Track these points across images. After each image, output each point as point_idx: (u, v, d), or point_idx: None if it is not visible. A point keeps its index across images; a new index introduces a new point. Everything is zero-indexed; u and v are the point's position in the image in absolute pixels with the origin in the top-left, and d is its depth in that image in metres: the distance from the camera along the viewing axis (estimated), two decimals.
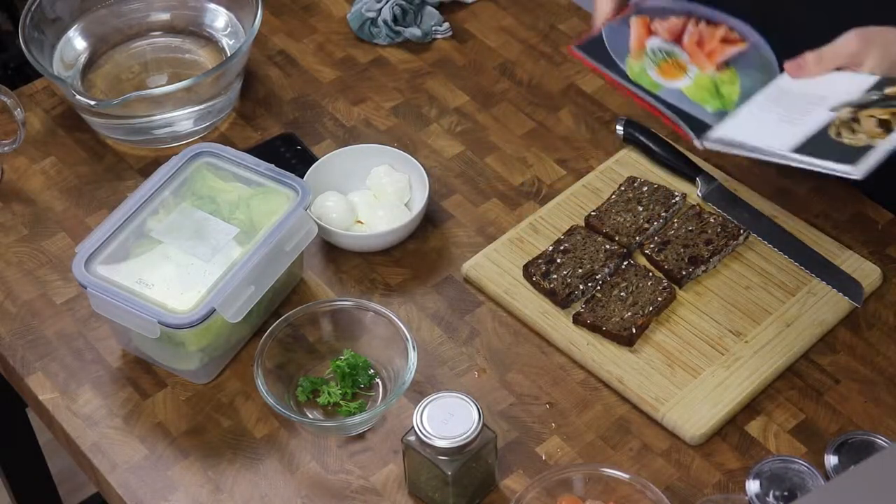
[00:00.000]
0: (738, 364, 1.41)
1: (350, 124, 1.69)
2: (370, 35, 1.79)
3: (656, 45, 1.43)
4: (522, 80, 1.74)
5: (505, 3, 1.84)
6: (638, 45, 1.43)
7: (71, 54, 1.71)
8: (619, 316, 1.44)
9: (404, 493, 1.34)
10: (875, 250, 1.52)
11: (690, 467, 1.36)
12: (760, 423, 1.38)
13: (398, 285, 1.52)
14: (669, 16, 1.45)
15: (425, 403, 1.29)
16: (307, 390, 1.40)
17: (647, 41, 1.43)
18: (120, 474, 1.37)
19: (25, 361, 1.46)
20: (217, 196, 1.46)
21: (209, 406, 1.42)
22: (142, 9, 1.77)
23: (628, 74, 1.40)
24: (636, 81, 1.40)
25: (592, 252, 1.50)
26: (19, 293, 1.52)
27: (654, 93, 1.39)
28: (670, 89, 1.39)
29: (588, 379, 1.43)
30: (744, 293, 1.48)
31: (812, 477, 1.29)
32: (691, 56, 1.42)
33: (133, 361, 1.46)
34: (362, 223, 1.56)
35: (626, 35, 1.44)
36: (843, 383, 1.41)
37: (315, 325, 1.43)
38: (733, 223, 1.52)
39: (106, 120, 1.65)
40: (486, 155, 1.65)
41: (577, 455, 1.37)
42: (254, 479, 1.36)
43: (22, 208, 1.61)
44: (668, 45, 1.43)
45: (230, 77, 1.66)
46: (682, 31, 1.44)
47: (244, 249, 1.41)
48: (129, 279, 1.39)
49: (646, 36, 1.44)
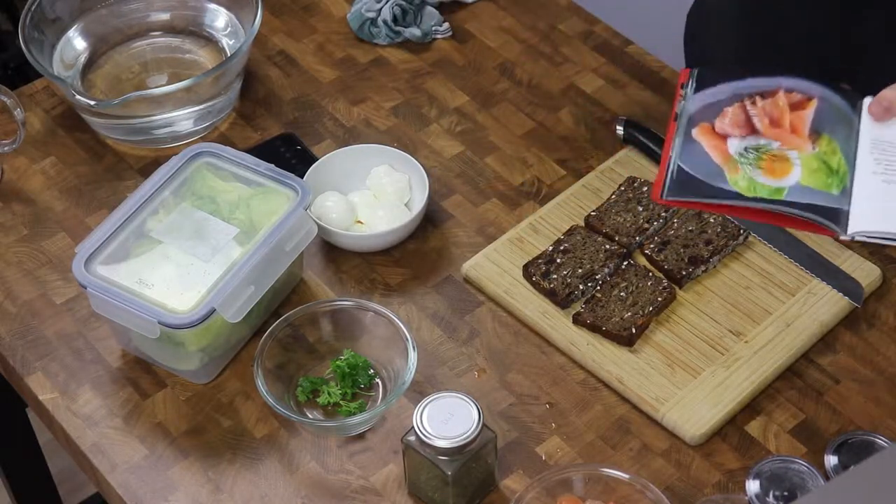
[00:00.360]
0: (738, 364, 1.41)
1: (350, 124, 1.69)
2: (370, 35, 1.79)
3: (739, 146, 1.29)
4: (522, 80, 1.74)
5: (505, 3, 1.84)
6: (723, 156, 1.29)
7: (71, 54, 1.72)
8: (619, 316, 1.44)
9: (404, 493, 1.34)
10: (875, 250, 1.52)
11: (690, 467, 1.36)
12: (760, 423, 1.38)
13: (398, 285, 1.52)
14: (723, 109, 1.32)
15: (425, 403, 1.29)
16: (307, 390, 1.40)
17: (727, 148, 1.29)
18: (120, 474, 1.37)
19: (25, 361, 1.46)
20: (217, 196, 1.46)
21: (209, 406, 1.42)
22: (142, 9, 1.77)
23: (740, 192, 1.26)
24: (755, 196, 1.26)
25: (592, 252, 1.50)
26: (19, 293, 1.52)
27: (781, 199, 1.25)
28: (793, 188, 1.26)
29: (588, 379, 1.43)
30: (744, 293, 1.48)
31: (812, 477, 1.29)
32: (781, 141, 1.30)
33: (133, 361, 1.46)
34: (362, 223, 1.56)
35: (703, 153, 1.29)
36: (843, 383, 1.41)
37: (315, 325, 1.43)
38: (733, 223, 1.52)
39: (106, 120, 1.65)
40: (486, 155, 1.65)
41: (577, 455, 1.37)
42: (254, 479, 1.36)
43: (22, 208, 1.61)
44: (749, 140, 1.30)
45: (230, 77, 1.66)
46: (746, 118, 1.32)
47: (244, 249, 1.41)
48: (129, 279, 1.39)
49: (721, 143, 1.30)
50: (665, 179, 1.28)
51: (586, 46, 1.77)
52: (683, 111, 1.33)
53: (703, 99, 1.33)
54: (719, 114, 1.32)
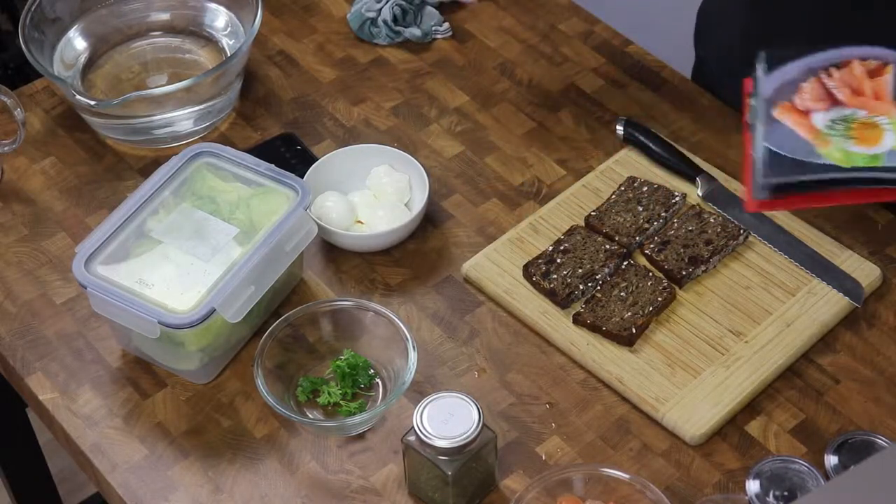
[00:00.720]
0: (738, 364, 1.41)
1: (350, 124, 1.69)
2: (370, 35, 1.79)
3: (824, 119, 1.29)
4: (522, 80, 1.74)
5: (505, 3, 1.84)
6: (810, 131, 1.28)
7: (71, 54, 1.72)
8: (619, 316, 1.44)
9: (404, 493, 1.34)
10: (875, 250, 1.52)
11: (690, 467, 1.36)
12: (760, 423, 1.38)
13: (398, 285, 1.52)
14: (799, 86, 1.32)
15: (425, 403, 1.29)
16: (307, 390, 1.40)
17: (811, 123, 1.29)
18: (120, 474, 1.37)
19: (25, 361, 1.46)
20: (217, 196, 1.46)
21: (209, 406, 1.42)
22: (142, 9, 1.77)
23: (837, 164, 1.25)
24: (852, 166, 1.24)
25: (592, 252, 1.50)
26: (19, 293, 1.52)
27: (880, 165, 1.24)
28: (890, 153, 1.25)
29: (588, 379, 1.43)
30: (744, 293, 1.48)
31: (812, 477, 1.29)
32: (867, 109, 1.29)
33: (133, 361, 1.46)
34: (362, 223, 1.56)
35: (789, 130, 1.28)
36: (843, 383, 1.41)
37: (315, 325, 1.43)
38: (733, 223, 1.52)
39: (106, 120, 1.65)
40: (486, 155, 1.65)
41: (577, 455, 1.37)
42: (254, 479, 1.36)
43: (22, 208, 1.61)
44: (833, 112, 1.29)
45: (230, 77, 1.66)
46: (825, 91, 1.31)
47: (244, 249, 1.41)
48: (129, 279, 1.39)
49: (805, 118, 1.29)
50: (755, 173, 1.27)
51: (586, 46, 1.77)
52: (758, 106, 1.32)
53: (777, 79, 1.32)
54: (796, 91, 1.31)
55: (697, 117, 1.67)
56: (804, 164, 1.26)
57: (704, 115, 1.67)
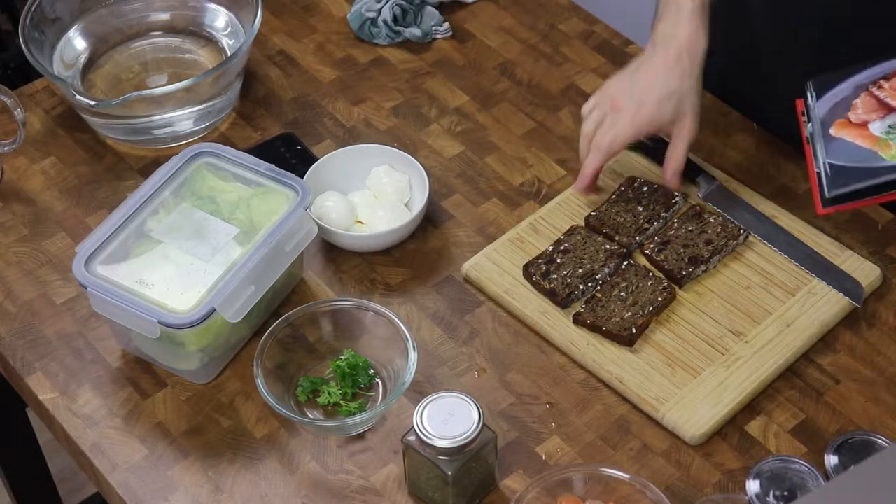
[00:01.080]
0: (738, 364, 1.41)
1: (350, 124, 1.69)
2: (370, 35, 1.79)
3: (882, 126, 1.34)
4: (522, 80, 1.74)
5: (505, 3, 1.84)
6: (870, 140, 1.33)
7: (71, 54, 1.72)
8: (619, 316, 1.44)
9: (404, 493, 1.34)
10: (875, 250, 1.52)
11: (690, 467, 1.36)
12: (760, 423, 1.38)
13: (398, 285, 1.52)
14: (851, 103, 1.37)
15: (425, 403, 1.29)
16: (307, 390, 1.40)
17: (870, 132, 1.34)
18: (120, 474, 1.37)
19: (25, 361, 1.46)
20: (217, 196, 1.46)
21: (209, 406, 1.42)
22: (142, 9, 1.77)
23: None
24: None
25: (592, 252, 1.50)
26: (19, 293, 1.52)
27: None
28: None
29: (588, 379, 1.43)
30: (744, 293, 1.48)
31: (812, 477, 1.29)
32: None
33: (133, 361, 1.46)
34: (362, 223, 1.56)
35: (848, 143, 1.34)
36: (843, 383, 1.41)
37: (315, 325, 1.43)
38: (733, 223, 1.52)
39: (106, 120, 1.65)
40: (486, 155, 1.65)
41: (577, 455, 1.37)
42: (254, 479, 1.36)
43: (22, 208, 1.61)
44: (889, 118, 1.34)
45: (230, 77, 1.66)
46: (878, 102, 1.36)
47: (244, 249, 1.41)
48: (129, 279, 1.39)
49: (863, 130, 1.34)
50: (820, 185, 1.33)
51: (586, 46, 1.77)
52: (814, 130, 1.37)
53: (829, 102, 1.37)
54: (850, 108, 1.36)
55: None
56: (871, 170, 1.31)
57: (704, 115, 1.67)
